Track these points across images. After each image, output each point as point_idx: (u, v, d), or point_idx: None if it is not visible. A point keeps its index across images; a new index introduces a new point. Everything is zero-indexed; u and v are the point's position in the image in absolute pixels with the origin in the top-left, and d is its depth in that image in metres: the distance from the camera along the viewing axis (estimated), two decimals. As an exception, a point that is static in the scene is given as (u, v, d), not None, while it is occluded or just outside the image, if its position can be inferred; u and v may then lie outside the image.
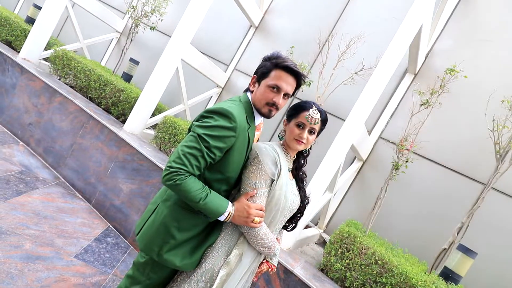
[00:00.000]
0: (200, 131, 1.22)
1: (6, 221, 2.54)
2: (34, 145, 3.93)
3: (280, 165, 1.36)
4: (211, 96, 5.36)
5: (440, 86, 2.69)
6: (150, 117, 4.12)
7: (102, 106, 4.37)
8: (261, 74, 1.36)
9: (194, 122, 1.31)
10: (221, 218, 1.29)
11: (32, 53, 4.73)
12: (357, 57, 3.33)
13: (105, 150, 3.45)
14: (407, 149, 2.76)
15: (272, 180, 1.35)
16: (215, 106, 1.29)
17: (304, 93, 4.18)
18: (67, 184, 3.61)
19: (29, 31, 4.89)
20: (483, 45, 3.47)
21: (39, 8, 5.67)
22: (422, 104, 2.77)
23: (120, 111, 4.21)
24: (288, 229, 1.60)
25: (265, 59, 1.40)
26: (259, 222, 1.31)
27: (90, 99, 4.47)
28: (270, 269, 1.52)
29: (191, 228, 1.35)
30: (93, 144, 3.55)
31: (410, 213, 3.51)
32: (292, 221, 1.56)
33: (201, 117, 1.29)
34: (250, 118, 1.38)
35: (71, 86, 4.64)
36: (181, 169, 1.18)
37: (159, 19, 5.04)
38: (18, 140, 4.03)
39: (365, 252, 2.47)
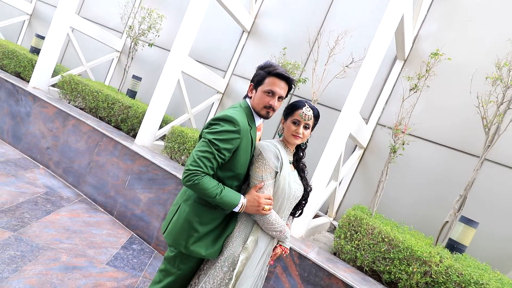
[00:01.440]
0: (210, 136, 1.43)
1: (42, 238, 2.79)
2: (53, 167, 4.19)
3: (282, 159, 1.55)
4: (213, 103, 5.58)
5: (426, 70, 2.86)
6: (158, 129, 4.35)
7: (112, 124, 4.62)
8: (257, 82, 1.57)
9: (204, 130, 1.52)
10: (236, 210, 1.49)
11: (41, 81, 5.01)
12: (347, 51, 3.51)
13: (121, 164, 3.69)
14: (402, 131, 2.92)
15: (276, 172, 1.55)
16: (220, 114, 1.50)
17: (301, 90, 4.38)
18: (89, 200, 3.86)
19: (35, 61, 5.17)
20: (466, 25, 3.61)
21: (42, 37, 5.96)
22: (411, 89, 2.93)
23: (130, 126, 4.45)
24: (295, 216, 1.79)
25: (259, 68, 1.60)
26: (269, 210, 1.51)
27: (100, 118, 4.72)
28: (283, 252, 1.72)
29: (211, 221, 1.55)
30: (109, 160, 3.79)
31: (412, 193, 3.66)
32: (298, 208, 1.74)
33: (209, 124, 1.50)
34: (251, 120, 1.58)
35: (81, 108, 4.91)
36: (198, 170, 1.39)
37: (156, 36, 5.28)
38: (39, 164, 4.30)
39: (372, 232, 2.65)
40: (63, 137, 4.18)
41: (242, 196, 1.51)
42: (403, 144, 2.97)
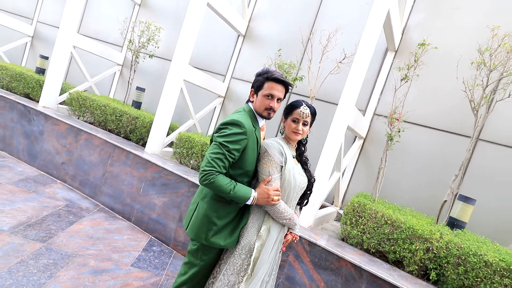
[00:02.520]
0: (220, 140, 1.62)
1: (69, 246, 3.01)
2: (70, 181, 4.42)
3: (285, 154, 1.73)
4: (215, 107, 5.78)
5: (415, 60, 3.02)
6: (166, 136, 4.55)
7: (121, 135, 4.84)
8: (257, 87, 1.75)
9: (214, 134, 1.71)
10: (249, 202, 1.68)
11: (50, 100, 5.24)
12: (339, 47, 3.68)
13: (134, 173, 3.90)
14: (397, 119, 3.09)
15: (281, 167, 1.74)
16: (227, 119, 1.69)
17: (299, 88, 4.55)
18: (107, 209, 4.07)
19: (43, 81, 5.40)
20: (452, 14, 3.76)
21: (46, 58, 6.20)
22: (402, 79, 3.10)
23: (139, 136, 4.66)
24: (302, 205, 1.95)
25: (257, 75, 1.78)
26: (278, 200, 1.70)
27: (110, 130, 4.94)
28: (294, 238, 1.90)
29: (227, 215, 1.75)
30: (122, 169, 4.00)
31: (412, 176, 3.82)
32: (304, 198, 1.91)
33: (219, 129, 1.69)
34: (255, 122, 1.77)
35: (90, 123, 5.13)
36: (212, 170, 1.58)
37: (155, 47, 5.49)
38: (56, 179, 4.53)
39: (375, 216, 2.83)
40: (77, 152, 4.41)
41: (253, 190, 1.70)
42: (399, 131, 3.14)
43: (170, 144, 5.02)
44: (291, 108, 1.78)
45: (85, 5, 7.26)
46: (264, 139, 1.84)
